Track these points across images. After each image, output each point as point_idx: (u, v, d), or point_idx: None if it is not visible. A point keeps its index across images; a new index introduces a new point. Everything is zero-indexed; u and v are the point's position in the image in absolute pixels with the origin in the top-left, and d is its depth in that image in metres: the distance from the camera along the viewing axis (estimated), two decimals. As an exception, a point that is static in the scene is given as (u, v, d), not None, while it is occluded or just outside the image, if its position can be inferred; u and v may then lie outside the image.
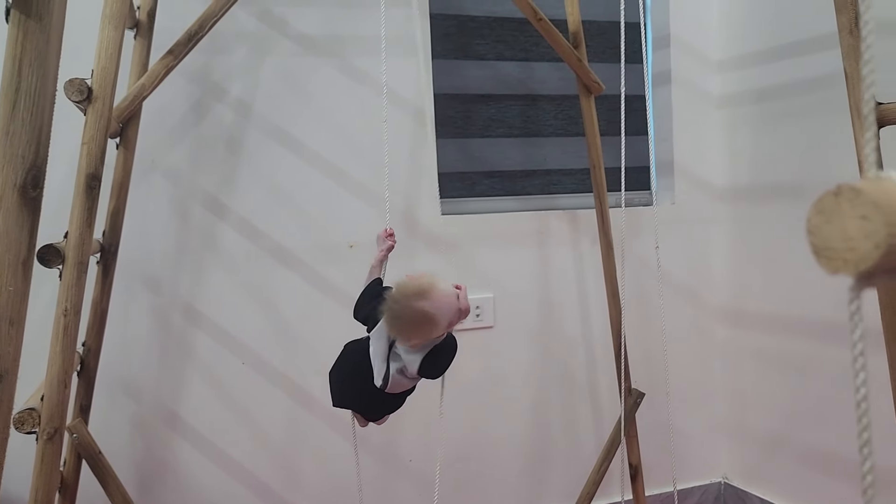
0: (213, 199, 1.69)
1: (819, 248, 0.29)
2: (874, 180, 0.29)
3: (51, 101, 0.56)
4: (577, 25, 1.76)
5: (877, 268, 0.28)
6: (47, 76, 0.55)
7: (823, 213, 0.29)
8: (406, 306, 1.07)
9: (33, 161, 0.55)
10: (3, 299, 0.55)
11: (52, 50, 0.55)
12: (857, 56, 1.16)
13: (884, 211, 0.27)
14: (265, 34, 1.72)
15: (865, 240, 0.27)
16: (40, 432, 1.07)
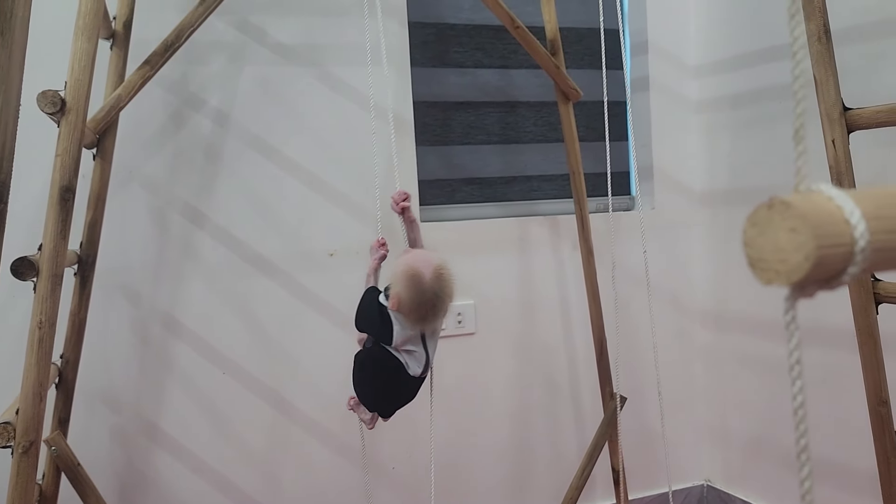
0: (191, 208, 1.69)
1: (754, 259, 0.30)
2: (804, 194, 0.30)
3: (14, 116, 0.56)
4: (554, 33, 1.77)
5: (808, 279, 0.28)
6: (10, 91, 0.55)
7: (757, 226, 0.30)
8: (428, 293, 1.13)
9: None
10: (-33, 315, 0.54)
11: (14, 66, 0.55)
12: (826, 62, 1.18)
13: (812, 224, 0.28)
14: (243, 43, 1.72)
15: (795, 252, 0.28)
16: (15, 446, 1.07)
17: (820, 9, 1.17)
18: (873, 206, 0.29)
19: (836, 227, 0.28)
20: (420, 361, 1.18)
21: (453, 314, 1.88)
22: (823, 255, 0.28)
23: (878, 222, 0.29)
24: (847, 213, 0.29)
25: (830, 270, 0.29)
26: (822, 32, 1.17)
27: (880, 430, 1.25)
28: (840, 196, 0.29)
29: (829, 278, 0.29)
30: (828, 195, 0.30)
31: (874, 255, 0.29)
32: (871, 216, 0.29)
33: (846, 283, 0.30)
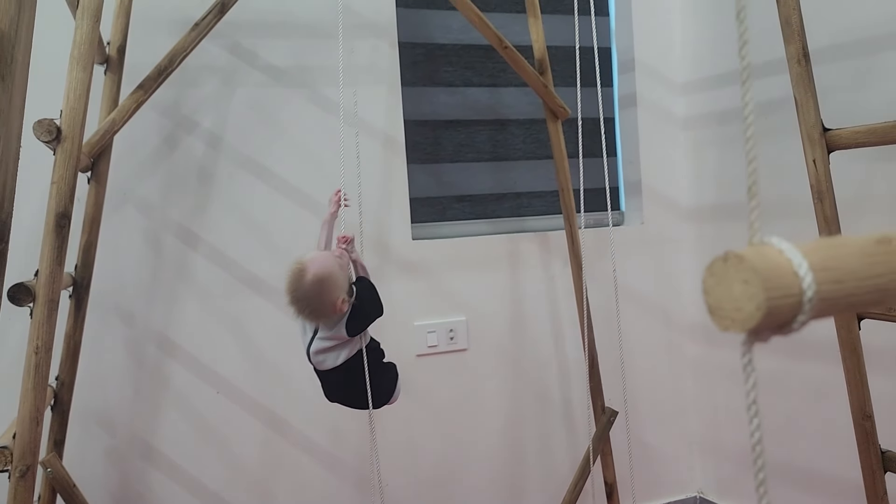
0: (185, 229, 1.71)
1: (712, 307, 0.32)
2: (757, 247, 0.32)
3: (15, 158, 0.58)
4: (542, 52, 1.80)
5: (761, 327, 0.31)
6: (10, 134, 0.57)
7: (715, 276, 0.32)
8: (306, 292, 1.16)
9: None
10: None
11: (14, 109, 0.57)
12: (806, 84, 1.21)
13: (762, 276, 0.30)
14: (235, 66, 1.74)
15: (748, 302, 0.30)
16: (12, 470, 1.08)
17: (798, 32, 1.20)
18: (820, 259, 0.32)
19: (786, 279, 0.31)
20: (305, 342, 1.25)
21: (445, 331, 1.90)
22: (773, 305, 0.30)
23: (824, 273, 0.31)
24: (795, 265, 0.31)
25: (781, 319, 0.31)
26: (801, 55, 1.20)
27: (865, 444, 1.27)
28: (790, 249, 0.32)
29: (781, 325, 0.32)
30: (778, 248, 0.32)
31: (821, 305, 0.31)
32: (819, 268, 0.31)
33: (797, 330, 0.32)
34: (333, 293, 1.17)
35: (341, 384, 1.27)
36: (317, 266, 1.17)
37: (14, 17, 0.55)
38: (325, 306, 1.17)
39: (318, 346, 1.22)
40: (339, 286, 1.18)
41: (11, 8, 0.55)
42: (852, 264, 0.32)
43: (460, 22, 1.98)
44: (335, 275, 1.18)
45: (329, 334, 1.21)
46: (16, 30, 0.55)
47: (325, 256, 1.21)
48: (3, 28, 0.55)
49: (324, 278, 1.16)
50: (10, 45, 0.55)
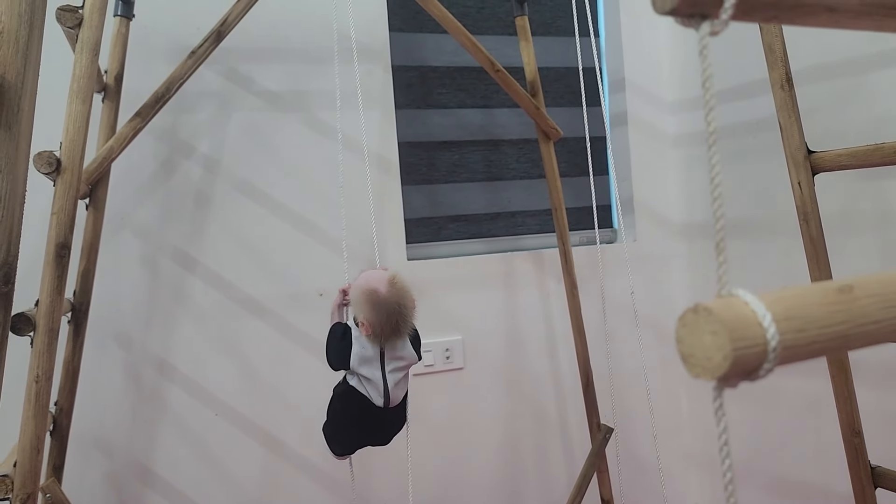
0: (182, 253, 1.73)
1: (685, 354, 0.34)
2: (725, 299, 0.34)
3: (20, 203, 0.60)
4: (533, 75, 1.83)
5: (729, 375, 0.33)
6: (17, 181, 0.59)
7: (686, 327, 0.34)
8: (386, 303, 1.16)
9: (4, 259, 0.59)
10: (-24, 390, 0.58)
11: (21, 157, 0.59)
12: (790, 109, 1.23)
13: (729, 328, 0.32)
14: (231, 91, 1.77)
15: (717, 352, 0.32)
16: (13, 499, 1.09)
17: (781, 58, 1.23)
18: (784, 308, 0.34)
19: (751, 329, 0.33)
20: (378, 390, 1.20)
21: (441, 350, 1.92)
22: (740, 355, 0.32)
23: (788, 323, 0.33)
24: (760, 316, 0.33)
25: (748, 367, 0.33)
26: (785, 80, 1.23)
27: (854, 460, 1.29)
28: (754, 301, 0.34)
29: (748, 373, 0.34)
30: (745, 300, 0.34)
31: (785, 353, 0.33)
32: (782, 317, 0.33)
33: (763, 377, 0.34)
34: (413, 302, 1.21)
35: (393, 419, 1.26)
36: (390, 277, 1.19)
37: (20, 70, 0.58)
38: (409, 315, 1.19)
39: (394, 380, 1.21)
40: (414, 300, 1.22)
41: (17, 61, 0.57)
42: (815, 313, 0.34)
43: (453, 45, 2.01)
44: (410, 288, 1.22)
45: (401, 365, 1.21)
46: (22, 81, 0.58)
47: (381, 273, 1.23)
48: (10, 80, 0.57)
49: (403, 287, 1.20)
50: (16, 95, 0.58)
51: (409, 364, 1.22)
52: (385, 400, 1.20)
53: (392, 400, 1.21)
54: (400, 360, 1.21)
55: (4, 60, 0.59)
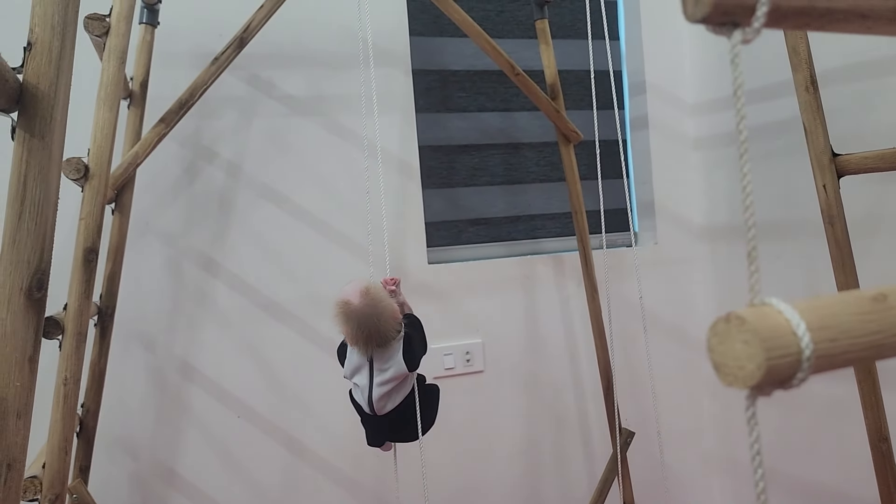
0: (205, 257, 1.74)
1: (717, 363, 0.34)
2: (758, 307, 0.34)
3: (53, 210, 0.61)
4: (553, 78, 1.83)
5: (761, 384, 0.33)
6: (49, 188, 0.60)
7: (718, 336, 0.34)
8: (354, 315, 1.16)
9: (38, 265, 0.60)
10: (12, 394, 0.59)
11: (53, 164, 0.60)
12: (814, 111, 1.22)
13: (761, 337, 0.32)
14: (253, 97, 1.78)
15: (749, 361, 0.32)
16: (42, 499, 1.11)
17: (806, 60, 1.22)
18: (818, 318, 0.34)
19: (784, 339, 0.33)
20: (365, 397, 1.20)
21: (461, 353, 1.92)
22: (773, 364, 0.32)
23: (821, 332, 0.33)
24: (794, 325, 0.33)
25: (781, 376, 0.33)
26: (809, 83, 1.22)
27: (882, 466, 1.28)
28: (788, 310, 0.34)
29: (782, 382, 0.34)
30: (778, 309, 0.34)
31: (819, 362, 0.33)
32: (816, 327, 0.33)
33: (797, 386, 0.34)
34: (388, 311, 1.18)
35: (395, 424, 1.25)
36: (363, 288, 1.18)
37: (53, 80, 0.59)
38: (382, 324, 1.17)
39: (380, 392, 1.19)
40: (392, 309, 1.19)
41: (51, 72, 0.58)
42: (848, 322, 0.34)
43: (473, 48, 2.02)
44: (386, 298, 1.19)
45: (387, 377, 1.19)
46: (55, 92, 0.59)
47: (359, 282, 1.21)
48: (43, 90, 0.58)
49: (376, 298, 1.17)
50: (49, 105, 0.59)
51: (398, 376, 1.19)
52: (370, 408, 1.20)
53: (377, 409, 1.20)
54: (386, 372, 1.19)
55: (38, 71, 0.60)
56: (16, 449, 0.60)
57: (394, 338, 1.19)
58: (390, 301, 1.20)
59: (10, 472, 0.59)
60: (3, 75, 0.57)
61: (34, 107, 0.60)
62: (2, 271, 0.60)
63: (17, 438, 0.60)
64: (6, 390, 0.59)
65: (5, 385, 0.59)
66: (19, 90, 0.60)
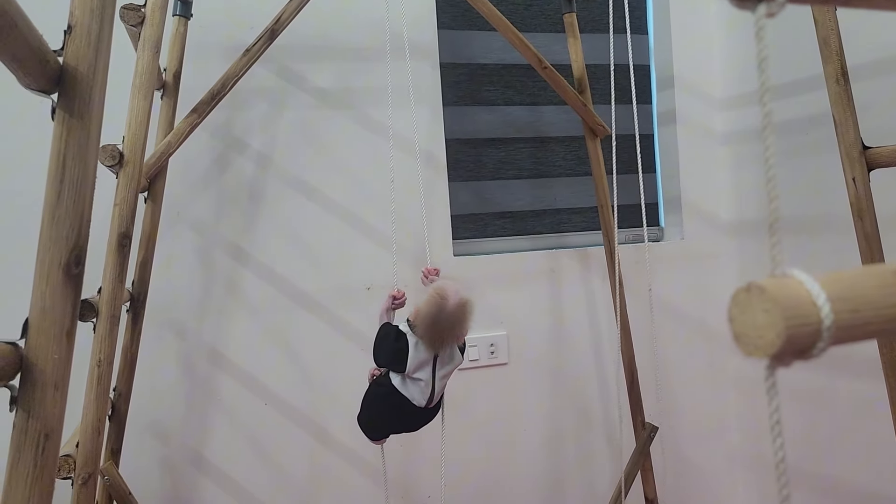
0: (235, 247, 1.77)
1: (738, 334, 0.35)
2: (779, 278, 0.35)
3: (91, 189, 0.63)
4: (581, 72, 1.83)
5: (782, 353, 0.33)
6: (88, 167, 0.62)
7: (739, 306, 0.35)
8: (449, 317, 1.16)
9: (76, 242, 0.62)
10: (50, 366, 0.61)
11: (91, 144, 0.62)
12: (845, 103, 1.21)
13: (782, 306, 0.33)
14: (283, 89, 1.81)
15: (769, 330, 0.33)
16: (75, 477, 1.14)
17: (837, 52, 1.21)
18: (839, 289, 0.34)
19: (804, 308, 0.33)
20: (425, 393, 1.22)
21: (486, 345, 1.93)
22: (793, 333, 0.32)
23: (842, 303, 0.34)
24: (814, 296, 0.34)
25: (801, 346, 0.33)
26: (840, 74, 1.21)
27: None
28: (809, 281, 0.34)
29: (802, 351, 0.34)
30: (799, 280, 0.34)
31: (840, 333, 0.33)
32: (837, 297, 0.34)
33: (817, 356, 0.35)
34: (471, 317, 1.19)
35: (430, 413, 1.28)
36: (458, 295, 1.18)
37: (92, 62, 0.60)
38: (464, 328, 1.19)
39: (441, 385, 1.23)
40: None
41: (89, 54, 0.60)
42: (870, 294, 0.34)
43: (501, 42, 2.02)
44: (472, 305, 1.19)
45: (448, 370, 1.23)
46: (93, 73, 0.60)
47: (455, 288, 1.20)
48: (82, 72, 0.60)
49: (467, 305, 1.18)
50: (88, 87, 0.61)
51: (453, 368, 1.25)
52: (427, 401, 1.23)
53: (433, 400, 1.24)
54: (450, 366, 1.24)
55: (77, 53, 0.62)
56: (53, 420, 0.62)
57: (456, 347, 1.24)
58: (471, 320, 1.20)
59: (48, 441, 0.61)
60: (45, 57, 0.59)
61: (73, 88, 0.62)
62: (41, 247, 0.62)
63: (55, 410, 0.62)
64: (45, 363, 0.61)
65: (44, 357, 0.61)
66: (59, 72, 0.62)
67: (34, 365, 0.61)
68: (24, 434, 0.61)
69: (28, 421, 0.61)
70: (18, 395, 0.61)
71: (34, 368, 0.61)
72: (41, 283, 0.62)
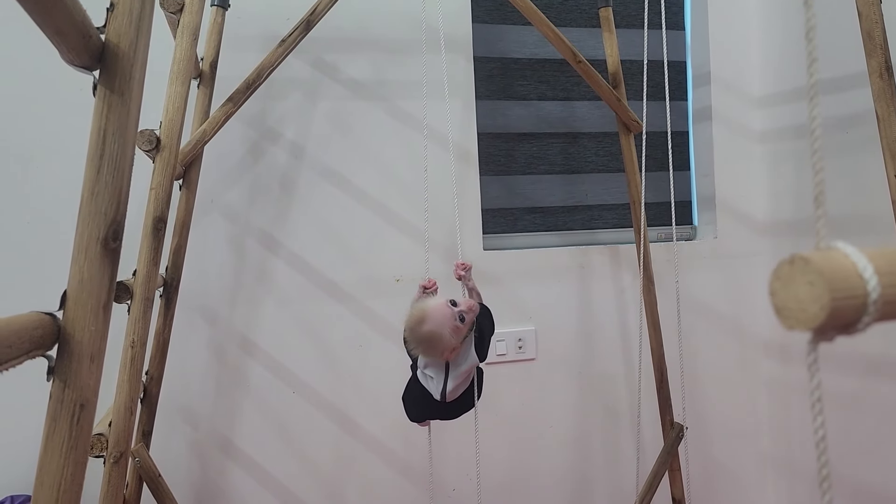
0: (267, 236, 1.79)
1: (779, 308, 0.34)
2: (823, 251, 0.34)
3: (129, 165, 0.64)
4: (616, 66, 1.81)
5: (825, 326, 0.32)
6: (127, 143, 0.63)
7: (781, 279, 0.34)
8: (416, 337, 1.19)
9: (114, 217, 0.63)
10: (87, 338, 0.62)
11: (131, 121, 0.63)
12: (888, 98, 1.18)
13: (827, 278, 0.32)
14: (317, 80, 1.82)
15: (813, 303, 0.32)
16: (108, 456, 1.16)
17: (881, 45, 1.18)
18: (886, 263, 0.33)
19: (850, 281, 0.32)
20: (438, 388, 1.24)
21: (513, 339, 1.92)
22: (837, 306, 0.32)
23: (890, 277, 0.33)
24: (861, 268, 0.33)
25: (845, 319, 0.32)
26: (884, 69, 1.18)
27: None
28: (855, 254, 0.33)
29: (846, 326, 0.33)
30: (844, 252, 0.33)
31: (886, 307, 0.33)
32: (884, 272, 0.33)
33: (862, 330, 0.34)
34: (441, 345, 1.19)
35: (451, 406, 1.29)
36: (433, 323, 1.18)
37: (133, 40, 0.61)
38: (435, 353, 1.21)
39: (454, 385, 1.24)
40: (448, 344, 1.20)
41: (131, 31, 0.61)
42: (919, 270, 0.33)
43: (535, 36, 2.01)
44: (445, 337, 1.19)
45: (461, 371, 1.23)
46: (134, 51, 0.61)
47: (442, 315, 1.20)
48: (123, 49, 0.61)
49: (434, 335, 1.18)
50: (129, 64, 0.61)
51: (470, 368, 1.25)
52: (441, 397, 1.25)
53: (448, 397, 1.25)
54: (464, 365, 1.25)
55: (119, 30, 0.63)
56: (88, 391, 0.63)
57: (464, 341, 1.23)
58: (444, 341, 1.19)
59: (83, 411, 0.62)
60: (88, 33, 0.60)
61: (115, 65, 0.63)
62: (80, 222, 0.63)
63: (90, 381, 0.63)
64: (82, 334, 0.62)
65: (81, 329, 0.62)
66: (101, 49, 0.63)
67: (71, 336, 0.62)
68: (60, 404, 0.62)
69: (64, 391, 0.62)
70: (55, 365, 0.62)
71: (71, 339, 0.62)
72: (80, 256, 0.63)
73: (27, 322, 0.58)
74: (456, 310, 1.19)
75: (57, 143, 1.64)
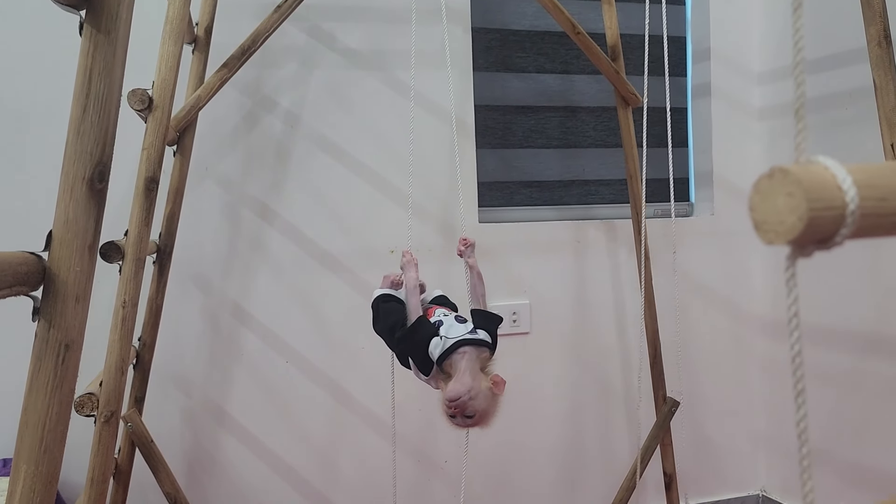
0: (261, 205, 1.78)
1: (758, 222, 0.34)
2: (804, 164, 0.33)
3: (116, 106, 0.63)
4: (615, 39, 1.80)
5: (803, 238, 0.32)
6: (113, 83, 0.62)
7: (760, 193, 0.34)
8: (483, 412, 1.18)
9: (100, 158, 0.63)
10: (72, 279, 0.62)
11: (117, 61, 0.62)
12: (886, 67, 1.18)
13: (805, 188, 0.31)
14: (313, 48, 1.80)
15: (791, 214, 0.32)
16: (98, 415, 1.16)
17: (880, 14, 1.17)
18: (866, 176, 0.33)
19: (829, 192, 0.32)
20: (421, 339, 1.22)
21: (508, 313, 1.92)
22: (815, 216, 0.31)
23: (869, 190, 0.32)
24: (840, 180, 0.32)
25: (823, 231, 0.32)
26: (882, 37, 1.18)
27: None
28: (835, 166, 0.33)
29: (824, 239, 0.33)
30: (824, 165, 0.33)
31: (864, 220, 0.32)
32: (863, 184, 0.32)
33: (840, 244, 0.33)
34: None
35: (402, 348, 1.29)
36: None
37: (120, -24, 0.61)
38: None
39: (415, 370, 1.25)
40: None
41: (117, -33, 0.60)
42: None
43: (534, 8, 2.00)
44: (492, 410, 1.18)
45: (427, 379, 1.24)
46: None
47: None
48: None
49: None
50: (115, 2, 0.61)
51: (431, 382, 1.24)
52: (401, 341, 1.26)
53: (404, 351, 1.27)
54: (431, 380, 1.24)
55: (106, -30, 0.62)
56: (73, 331, 0.63)
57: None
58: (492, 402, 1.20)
59: (68, 352, 0.62)
60: (74, -30, 0.60)
61: (101, 3, 0.62)
62: (66, 161, 0.62)
63: (76, 321, 0.63)
64: (67, 274, 0.62)
65: (66, 269, 0.62)
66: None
67: (56, 276, 0.62)
68: (45, 343, 0.61)
69: (49, 331, 0.61)
70: (41, 305, 0.62)
71: (56, 279, 0.62)
72: (65, 196, 0.62)
73: (12, 258, 0.57)
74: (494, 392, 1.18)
75: (40, 81, 1.63)
